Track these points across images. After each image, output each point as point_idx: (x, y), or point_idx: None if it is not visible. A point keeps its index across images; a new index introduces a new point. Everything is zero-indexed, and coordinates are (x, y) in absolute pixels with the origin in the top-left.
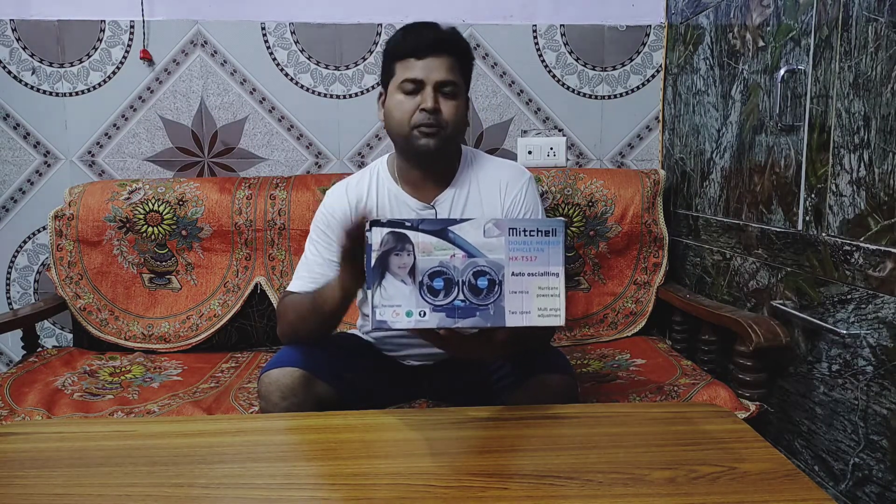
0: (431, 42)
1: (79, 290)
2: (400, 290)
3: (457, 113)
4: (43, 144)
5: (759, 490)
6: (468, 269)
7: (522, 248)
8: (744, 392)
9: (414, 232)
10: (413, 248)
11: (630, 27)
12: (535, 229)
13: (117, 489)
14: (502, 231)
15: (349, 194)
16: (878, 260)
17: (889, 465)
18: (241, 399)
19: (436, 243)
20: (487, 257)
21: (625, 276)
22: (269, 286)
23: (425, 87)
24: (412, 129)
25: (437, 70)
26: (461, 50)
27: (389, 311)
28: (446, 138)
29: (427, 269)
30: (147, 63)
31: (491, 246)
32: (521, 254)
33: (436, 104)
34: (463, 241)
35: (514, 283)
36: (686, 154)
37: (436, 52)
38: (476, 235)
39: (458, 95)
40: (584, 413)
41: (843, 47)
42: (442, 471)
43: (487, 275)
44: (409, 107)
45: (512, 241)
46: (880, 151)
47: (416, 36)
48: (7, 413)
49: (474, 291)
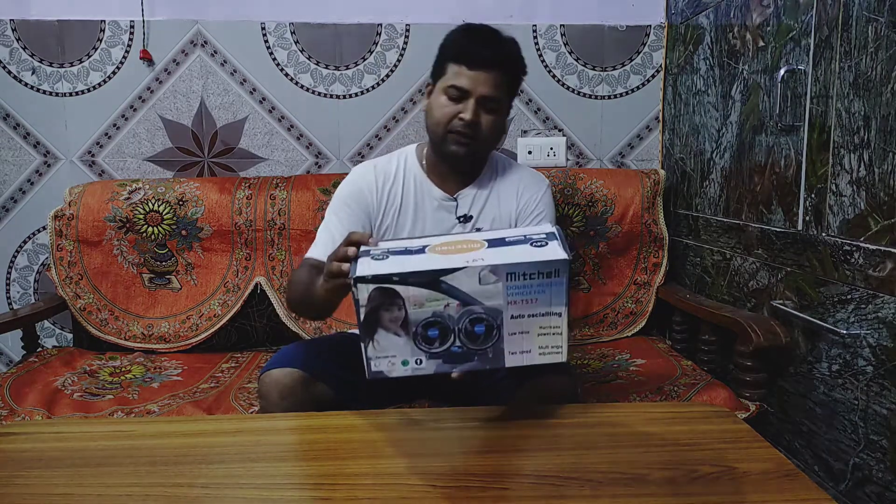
0: (487, 57)
1: (79, 290)
2: (393, 342)
3: (494, 127)
4: (43, 144)
5: (759, 490)
6: (464, 317)
7: (522, 291)
8: (744, 392)
9: (403, 286)
10: (403, 301)
11: (630, 27)
12: (536, 272)
13: (117, 489)
14: (499, 277)
15: (377, 172)
16: (878, 260)
17: (889, 465)
18: (241, 399)
19: (427, 295)
20: (484, 304)
21: (625, 276)
22: (269, 286)
23: (469, 98)
24: (448, 132)
25: (484, 84)
26: (514, 67)
27: (385, 362)
28: (478, 148)
29: (420, 321)
30: (147, 63)
31: (487, 293)
32: (521, 297)
33: (475, 117)
34: (457, 291)
35: (513, 326)
36: (686, 154)
37: (487, 67)
38: (471, 283)
39: (499, 111)
40: (584, 413)
41: (843, 47)
42: (442, 471)
43: (485, 321)
44: (450, 112)
45: (510, 286)
46: (880, 151)
47: (473, 45)
48: (7, 413)
49: (471, 338)
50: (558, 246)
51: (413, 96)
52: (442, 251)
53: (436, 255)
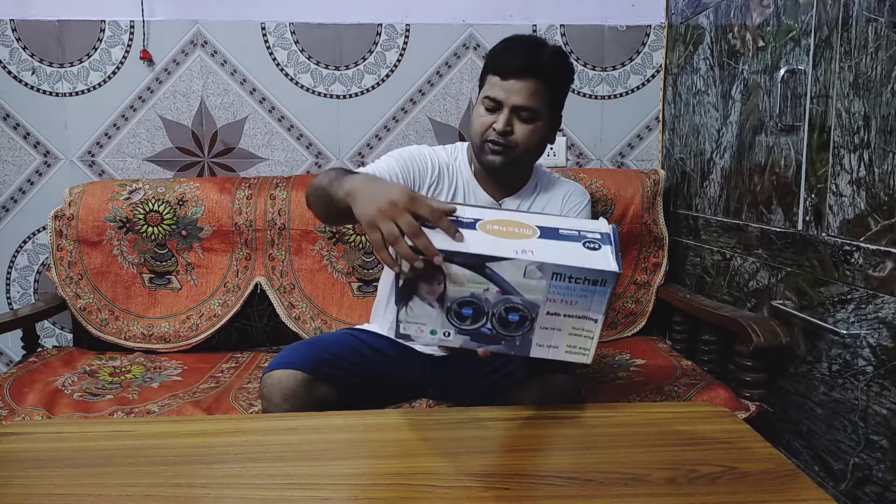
0: (519, 66)
1: (79, 290)
2: (427, 311)
3: (530, 136)
4: (43, 144)
5: (759, 490)
6: (500, 304)
7: (565, 292)
8: (744, 392)
9: (447, 263)
10: (444, 277)
11: (630, 27)
12: (584, 278)
13: (117, 489)
14: (545, 274)
15: (438, 156)
16: (878, 260)
17: (889, 465)
18: (241, 399)
19: (469, 276)
20: (524, 297)
21: (625, 276)
22: (269, 286)
23: (503, 108)
24: (484, 142)
25: (517, 94)
26: (553, 75)
27: (414, 328)
28: (514, 158)
29: (457, 298)
30: (147, 63)
31: (529, 287)
32: (562, 297)
33: (507, 127)
34: (500, 279)
35: (547, 321)
36: (686, 154)
37: (520, 76)
38: (515, 275)
39: (535, 120)
40: (584, 413)
41: (843, 47)
42: (442, 471)
43: (520, 311)
44: (486, 122)
45: (554, 285)
46: (880, 151)
47: (506, 55)
48: (7, 413)
49: (503, 324)
50: (610, 253)
51: (413, 96)
52: (492, 230)
53: (485, 234)
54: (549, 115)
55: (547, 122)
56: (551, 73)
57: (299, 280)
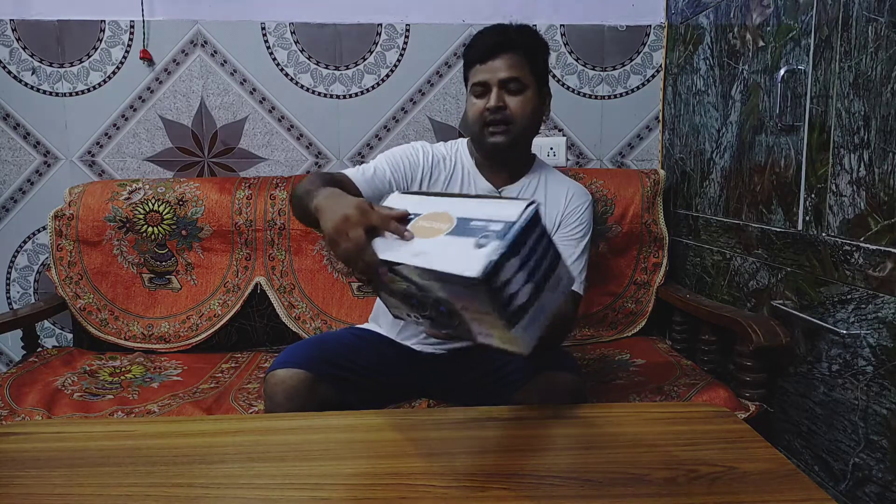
0: (491, 46)
1: (79, 290)
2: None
3: (523, 106)
4: (43, 144)
5: (759, 490)
6: (426, 298)
7: (454, 291)
8: (744, 392)
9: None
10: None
11: (630, 27)
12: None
13: (117, 489)
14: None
15: (434, 149)
16: (878, 260)
17: (889, 465)
18: (241, 399)
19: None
20: (436, 294)
21: (625, 276)
22: (269, 286)
23: (491, 87)
24: (483, 127)
25: (499, 70)
26: (526, 46)
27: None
28: (516, 133)
29: (399, 291)
30: (147, 63)
31: (430, 286)
32: (456, 295)
33: (499, 102)
34: (410, 280)
35: (466, 314)
36: (686, 154)
37: (497, 54)
38: (413, 275)
39: (524, 90)
40: (584, 413)
41: (843, 47)
42: (442, 471)
43: (441, 305)
44: (480, 105)
45: (443, 285)
46: (880, 151)
47: (478, 42)
48: (7, 413)
49: (440, 315)
50: (492, 252)
51: (413, 96)
52: (420, 226)
53: (413, 229)
54: (535, 83)
55: (535, 91)
56: (523, 42)
57: (299, 280)
